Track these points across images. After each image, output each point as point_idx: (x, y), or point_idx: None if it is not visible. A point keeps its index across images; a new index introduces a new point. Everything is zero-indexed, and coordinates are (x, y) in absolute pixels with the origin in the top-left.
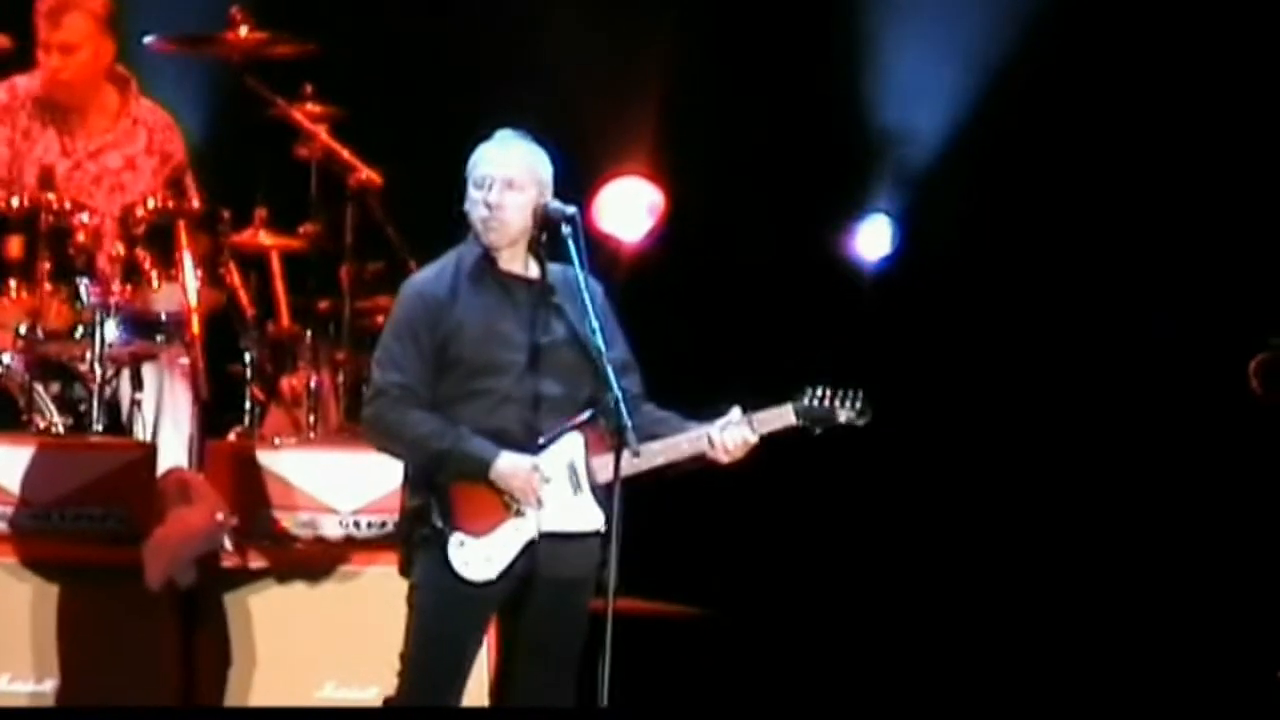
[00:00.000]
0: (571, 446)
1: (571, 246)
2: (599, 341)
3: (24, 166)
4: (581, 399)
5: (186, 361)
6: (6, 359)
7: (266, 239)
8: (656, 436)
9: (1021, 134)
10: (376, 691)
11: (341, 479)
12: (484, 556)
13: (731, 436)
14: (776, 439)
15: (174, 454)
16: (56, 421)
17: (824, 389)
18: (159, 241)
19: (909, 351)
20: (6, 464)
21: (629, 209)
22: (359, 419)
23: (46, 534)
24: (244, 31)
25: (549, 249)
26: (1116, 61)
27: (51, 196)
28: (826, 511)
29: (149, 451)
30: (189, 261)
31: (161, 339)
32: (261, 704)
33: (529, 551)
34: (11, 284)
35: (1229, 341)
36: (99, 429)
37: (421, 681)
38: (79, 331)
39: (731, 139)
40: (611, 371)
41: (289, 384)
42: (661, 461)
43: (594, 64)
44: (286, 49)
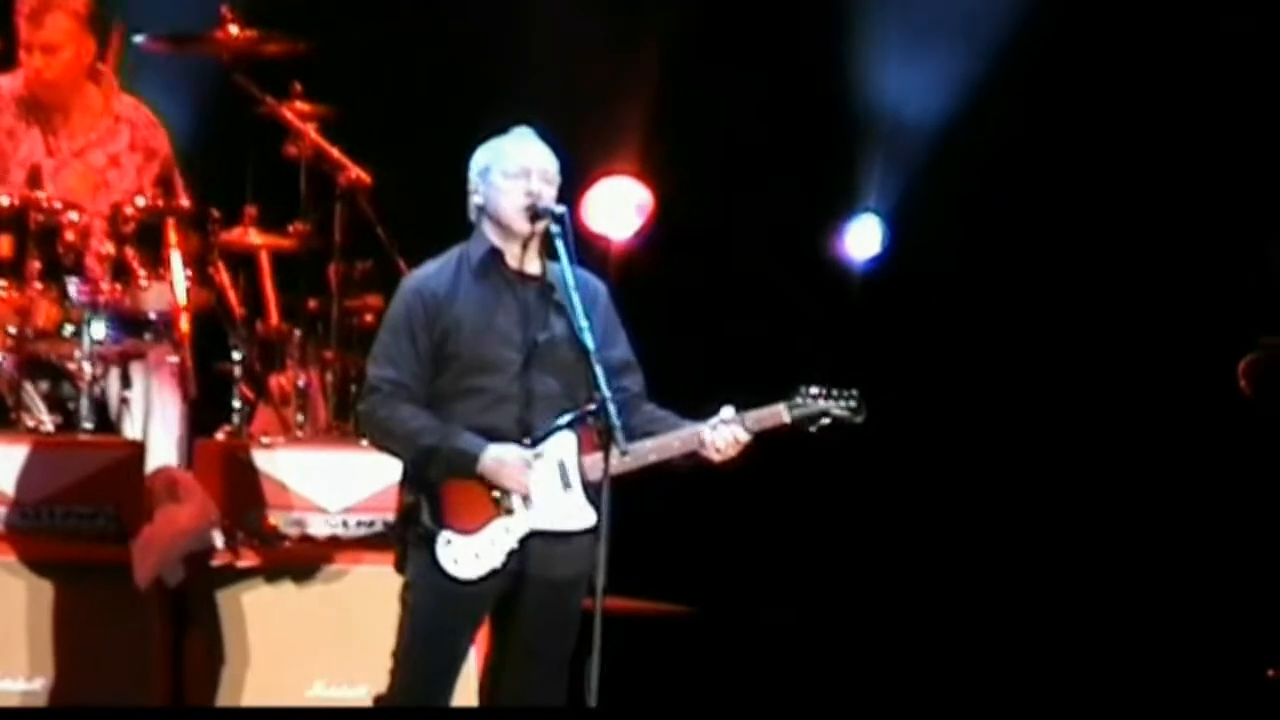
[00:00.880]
0: (563, 445)
1: (560, 245)
2: (588, 340)
3: (10, 166)
4: (580, 397)
5: (175, 360)
6: None
7: (255, 238)
8: (651, 435)
9: (1011, 134)
10: (366, 690)
11: (330, 478)
12: (473, 554)
13: (724, 434)
14: (767, 438)
15: (163, 453)
16: (45, 420)
17: (817, 387)
18: (148, 240)
19: (899, 351)
20: None
21: (618, 208)
22: (348, 418)
23: (35, 532)
24: (233, 30)
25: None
26: (1106, 62)
27: (41, 195)
28: (815, 510)
29: (138, 450)
30: (178, 260)
31: (150, 338)
32: (251, 703)
33: (520, 550)
34: (0, 283)
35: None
36: (88, 427)
37: (412, 679)
38: (68, 330)
39: (720, 138)
40: (607, 371)
41: (278, 383)
42: (653, 459)
43: (583, 63)
44: (276, 48)
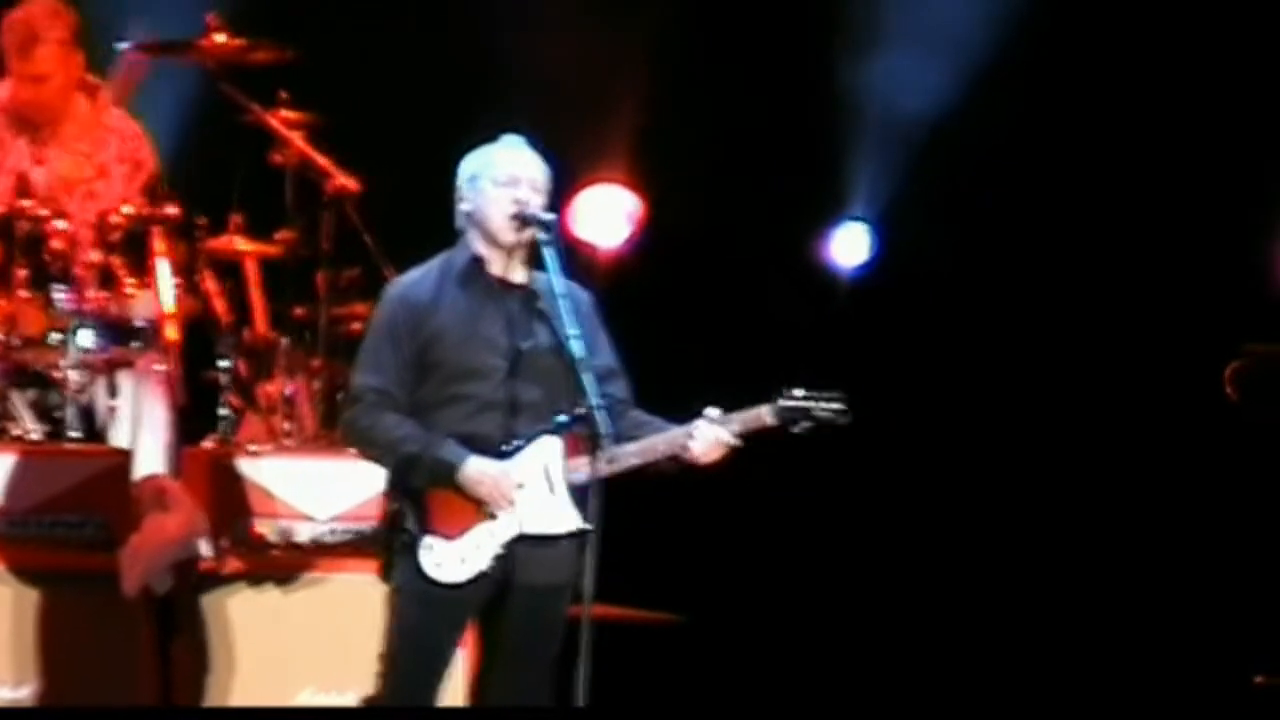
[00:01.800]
0: (547, 450)
1: (548, 252)
2: (576, 347)
3: None
4: (563, 406)
5: (163, 368)
6: None
7: (242, 245)
8: (636, 439)
9: (999, 140)
10: (354, 697)
11: (318, 486)
12: (457, 559)
13: (708, 436)
14: (754, 444)
15: (150, 461)
16: (33, 429)
17: (801, 389)
18: (135, 248)
19: (886, 357)
20: None
21: (606, 216)
22: (335, 425)
23: (23, 541)
24: (220, 38)
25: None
26: (1093, 69)
27: (28, 203)
28: (802, 517)
29: (125, 458)
30: (165, 268)
31: (138, 345)
32: None
33: (505, 555)
34: None
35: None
36: (75, 436)
37: (399, 684)
38: (55, 338)
39: (709, 146)
40: (593, 378)
41: (265, 391)
42: (637, 462)
43: (571, 70)
44: (262, 55)
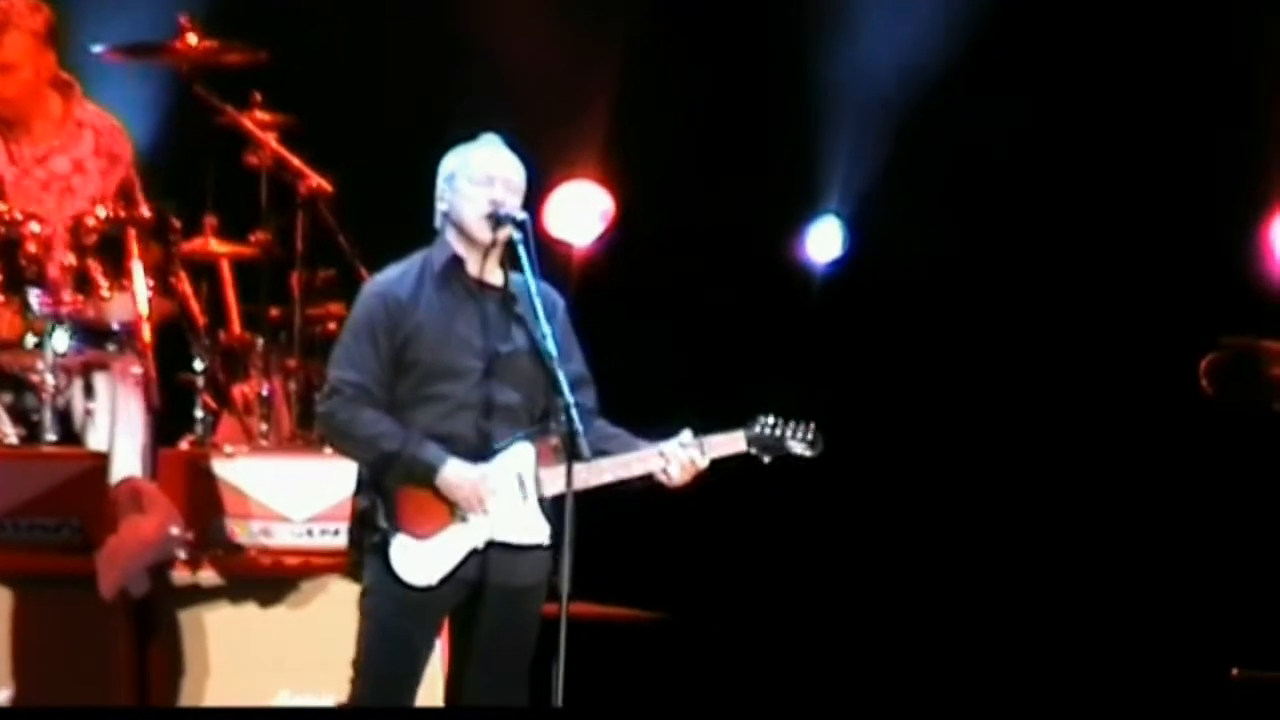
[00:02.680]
0: (521, 457)
1: (521, 251)
2: (550, 347)
3: None
4: (537, 410)
5: (139, 370)
6: None
7: (217, 247)
8: (605, 454)
9: (974, 136)
10: (332, 698)
11: (294, 487)
12: (426, 560)
13: (681, 458)
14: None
15: (127, 463)
16: (9, 432)
17: (776, 418)
18: (110, 251)
19: (859, 354)
20: None
21: (579, 213)
22: (311, 426)
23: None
24: (193, 40)
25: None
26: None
27: (2, 207)
28: (780, 516)
29: (102, 461)
30: (140, 270)
31: (113, 348)
32: None
33: (475, 558)
34: None
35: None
36: (52, 439)
37: (372, 686)
38: (30, 341)
39: (681, 142)
40: (564, 379)
41: (241, 392)
42: (609, 479)
43: (544, 68)
44: (235, 57)
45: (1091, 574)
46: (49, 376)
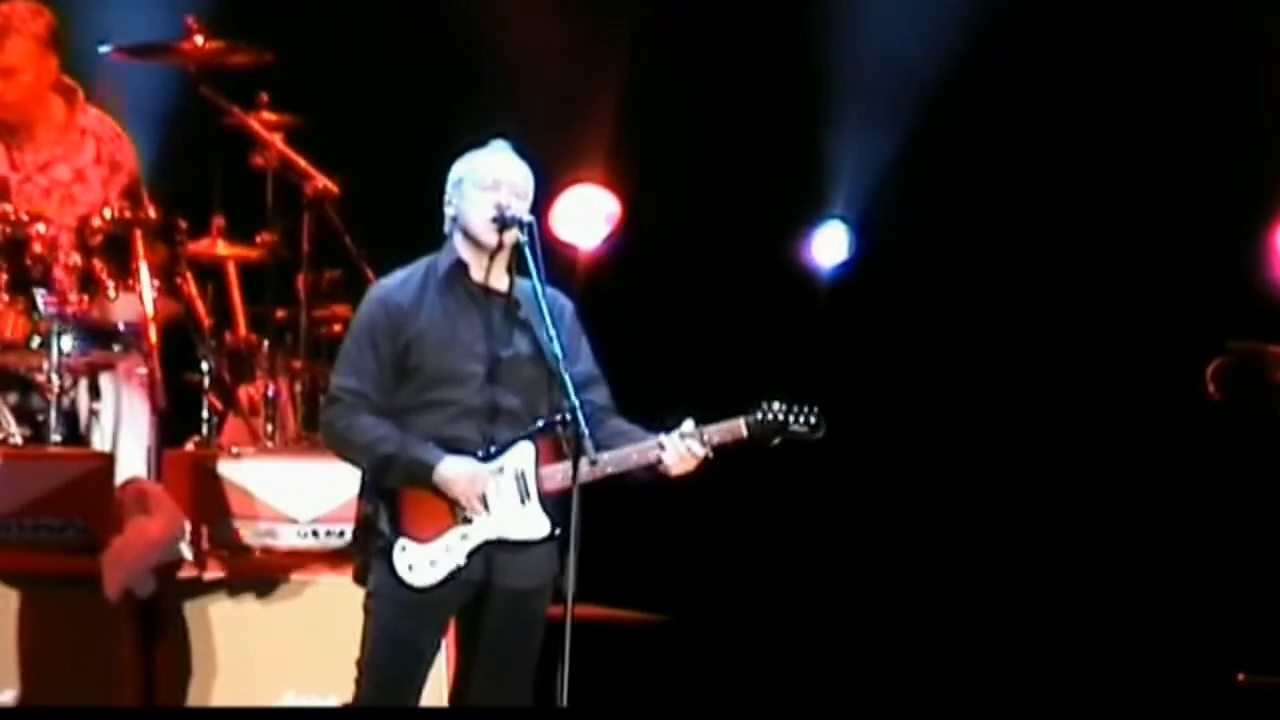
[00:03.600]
0: (521, 456)
1: (527, 254)
2: (556, 350)
3: None
4: (540, 414)
5: (144, 371)
6: None
7: (223, 248)
8: (612, 448)
9: (979, 141)
10: (336, 699)
11: (300, 488)
12: (428, 561)
13: (681, 448)
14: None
15: (132, 464)
16: (14, 432)
17: (777, 403)
18: (116, 252)
19: (865, 358)
20: None
21: (586, 217)
22: (316, 428)
23: (5, 545)
24: (199, 41)
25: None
26: (1070, 67)
27: (8, 207)
28: (783, 517)
29: (107, 462)
30: (146, 271)
31: (119, 349)
32: None
33: (479, 559)
34: None
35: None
36: (57, 439)
37: (377, 688)
38: (36, 342)
39: (688, 146)
40: (572, 383)
41: (246, 393)
42: (610, 471)
43: (551, 72)
44: (242, 58)
45: (1097, 577)
46: (54, 377)
